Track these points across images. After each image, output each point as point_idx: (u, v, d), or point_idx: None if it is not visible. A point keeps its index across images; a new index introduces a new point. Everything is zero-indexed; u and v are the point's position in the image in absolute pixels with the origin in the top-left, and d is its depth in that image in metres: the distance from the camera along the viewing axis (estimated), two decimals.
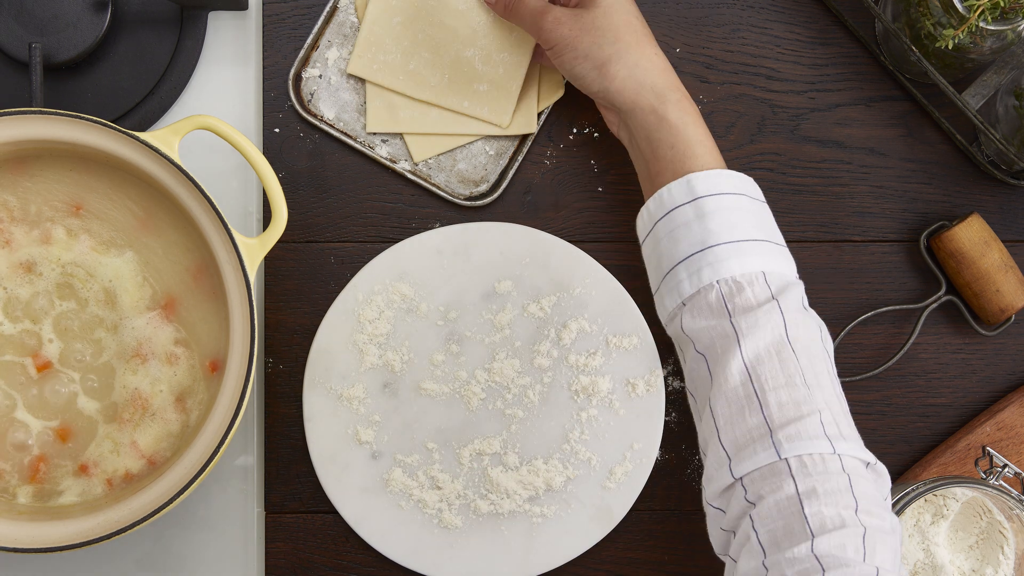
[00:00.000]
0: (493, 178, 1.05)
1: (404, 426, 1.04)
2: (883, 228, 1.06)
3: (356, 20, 1.06)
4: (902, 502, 0.94)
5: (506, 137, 1.06)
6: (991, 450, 0.97)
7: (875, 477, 0.86)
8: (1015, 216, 1.06)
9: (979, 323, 1.06)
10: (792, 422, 0.85)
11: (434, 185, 1.05)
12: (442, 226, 1.05)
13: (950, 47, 0.96)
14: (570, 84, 1.06)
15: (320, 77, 1.05)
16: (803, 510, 0.81)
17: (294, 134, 1.06)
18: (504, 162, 1.05)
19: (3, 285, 0.97)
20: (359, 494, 1.03)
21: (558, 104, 1.06)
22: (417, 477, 1.03)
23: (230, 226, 0.92)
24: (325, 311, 1.04)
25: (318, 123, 1.05)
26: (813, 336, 0.89)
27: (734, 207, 0.90)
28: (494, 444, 1.03)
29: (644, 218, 0.95)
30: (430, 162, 1.06)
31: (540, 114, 1.05)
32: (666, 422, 1.05)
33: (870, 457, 0.86)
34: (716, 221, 0.90)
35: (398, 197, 1.06)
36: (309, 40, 1.05)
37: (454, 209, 1.06)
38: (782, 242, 0.93)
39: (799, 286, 0.91)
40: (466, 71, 1.04)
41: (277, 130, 1.06)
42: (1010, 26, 0.95)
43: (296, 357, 1.05)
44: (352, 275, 1.04)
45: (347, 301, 1.03)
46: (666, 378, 1.05)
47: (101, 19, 1.02)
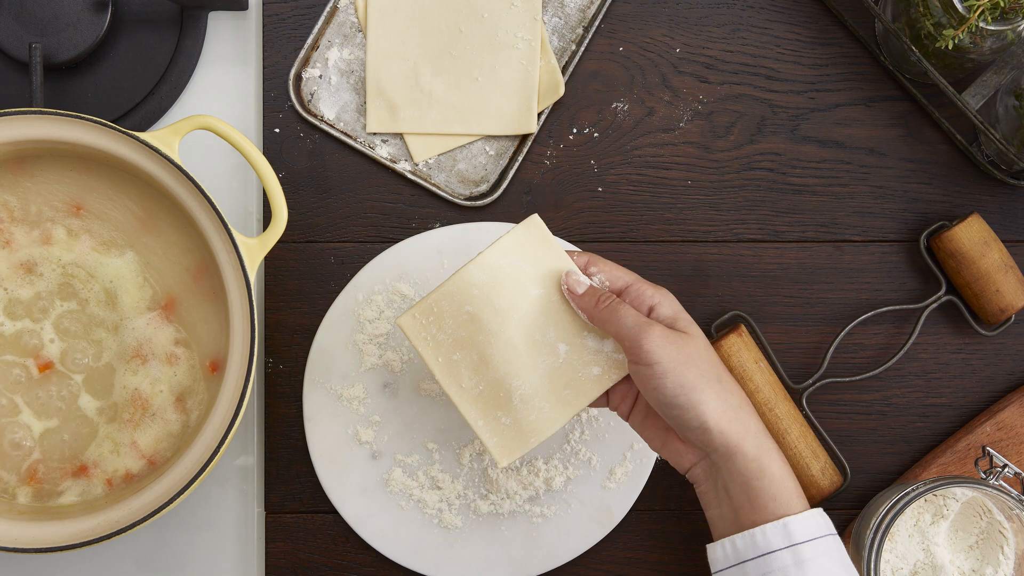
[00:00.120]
0: (493, 178, 1.05)
1: (404, 426, 1.04)
2: (883, 228, 1.06)
3: (356, 20, 1.06)
4: (902, 502, 0.94)
5: (506, 137, 1.06)
6: (991, 450, 0.97)
7: None
8: (1015, 216, 1.06)
9: (979, 323, 1.06)
10: None
11: (434, 185, 1.05)
12: (442, 226, 1.05)
13: (950, 47, 0.96)
14: (570, 84, 1.06)
15: (320, 77, 1.05)
16: None
17: (294, 134, 1.06)
18: (504, 162, 1.05)
19: (4, 286, 0.97)
20: (359, 494, 1.03)
21: (558, 104, 1.06)
22: (417, 477, 1.03)
23: (230, 226, 0.92)
24: (325, 311, 1.04)
25: (318, 123, 1.05)
26: None
27: (828, 551, 0.89)
28: None
29: (726, 551, 0.89)
30: (430, 162, 1.06)
31: (540, 114, 1.05)
32: None
33: None
34: (814, 570, 0.88)
35: (398, 197, 1.06)
36: (309, 40, 1.05)
37: (454, 209, 1.05)
38: None
39: None
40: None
41: (277, 130, 1.06)
42: (1010, 26, 0.95)
43: (296, 357, 1.05)
44: (352, 275, 1.04)
45: (347, 301, 1.03)
46: None
47: (101, 19, 1.02)
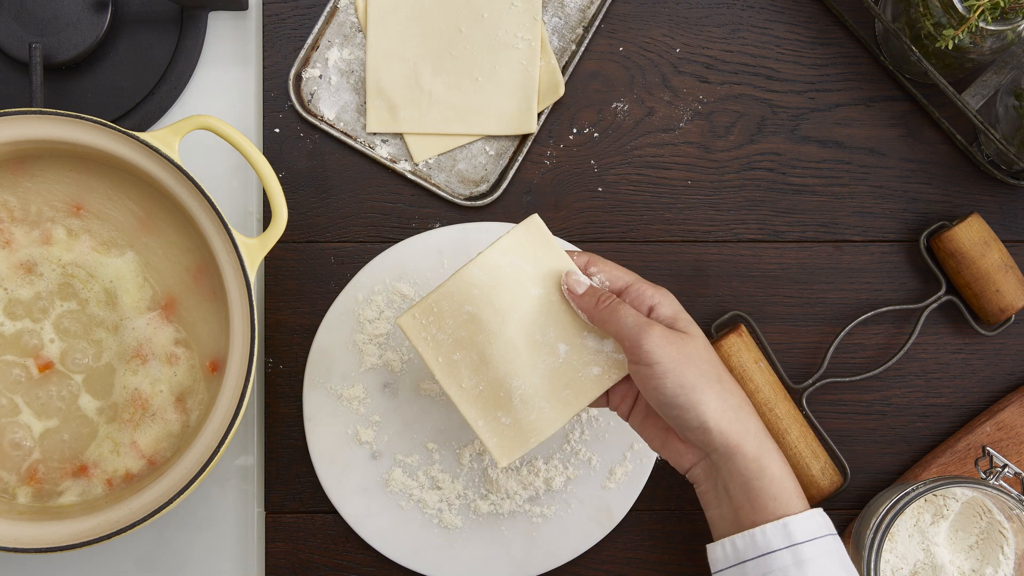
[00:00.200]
0: (493, 178, 1.05)
1: (404, 426, 1.04)
2: (883, 228, 1.06)
3: (356, 20, 1.06)
4: (902, 502, 0.94)
5: (506, 137, 1.06)
6: (991, 450, 0.97)
7: None
8: (1015, 216, 1.06)
9: (979, 323, 1.06)
10: None
11: (434, 185, 1.05)
12: (442, 226, 1.05)
13: (950, 47, 0.96)
14: (570, 84, 1.06)
15: (320, 77, 1.05)
16: None
17: (294, 134, 1.06)
18: (504, 162, 1.05)
19: (4, 286, 0.97)
20: (359, 494, 1.03)
21: (558, 104, 1.06)
22: (417, 477, 1.03)
23: (230, 226, 0.92)
24: (325, 311, 1.04)
25: (318, 123, 1.05)
26: None
27: (828, 551, 0.89)
28: None
29: (726, 551, 0.89)
30: (430, 162, 1.05)
31: (540, 114, 1.05)
32: None
33: None
34: (814, 570, 0.88)
35: (398, 197, 1.06)
36: (309, 40, 1.05)
37: (454, 209, 1.05)
38: None
39: None
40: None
41: (277, 130, 1.06)
42: (1010, 26, 0.95)
43: (296, 357, 1.05)
44: (352, 275, 1.04)
45: (347, 301, 1.03)
46: None
47: (101, 19, 1.02)
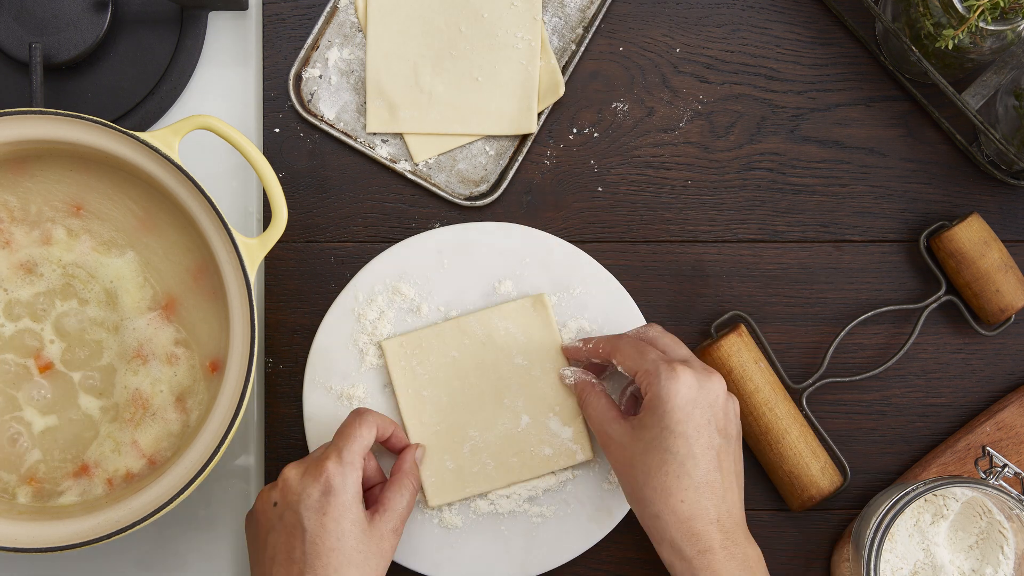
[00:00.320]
0: (493, 178, 1.05)
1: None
2: (883, 228, 1.06)
3: (356, 20, 1.06)
4: (902, 502, 0.94)
5: (506, 137, 1.06)
6: (991, 450, 0.97)
7: None
8: (1015, 216, 1.06)
9: (979, 323, 1.06)
10: None
11: (434, 185, 1.05)
12: (442, 226, 1.05)
13: (950, 47, 0.96)
14: (570, 84, 1.06)
15: (320, 77, 1.05)
16: None
17: (294, 134, 1.06)
18: (504, 162, 1.05)
19: (4, 286, 0.97)
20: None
21: (558, 104, 1.06)
22: None
23: (230, 226, 0.92)
24: (325, 311, 1.04)
25: (318, 123, 1.05)
26: None
27: None
28: None
29: None
30: (430, 162, 1.05)
31: (540, 114, 1.05)
32: None
33: None
34: None
35: (398, 197, 1.06)
36: (309, 40, 1.05)
37: (454, 209, 1.05)
38: None
39: None
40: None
41: (277, 130, 1.06)
42: (1010, 26, 0.95)
43: (296, 357, 1.05)
44: (352, 275, 1.04)
45: (347, 301, 1.03)
46: None
47: (101, 19, 1.02)
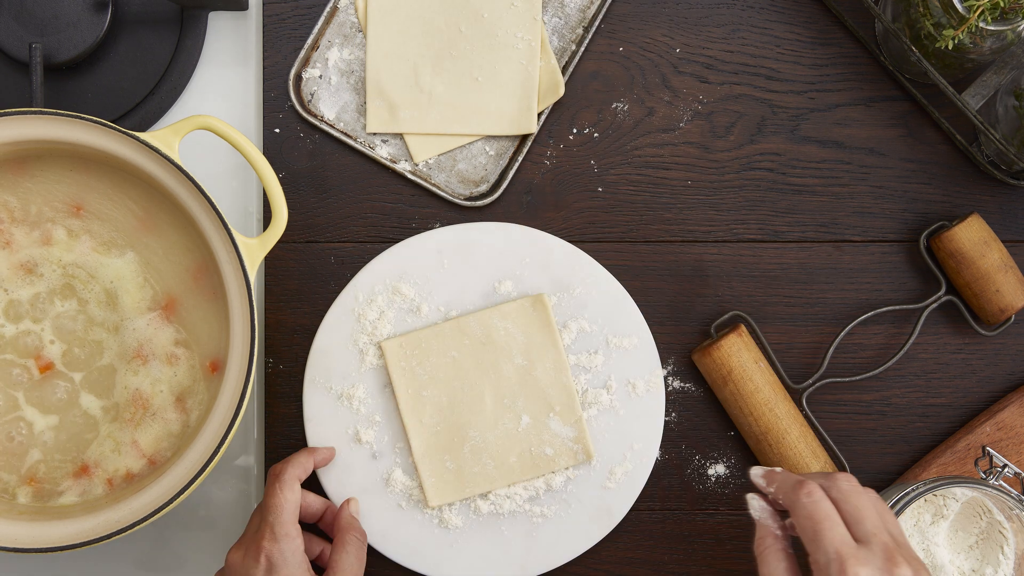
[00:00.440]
0: (493, 178, 1.05)
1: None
2: (883, 228, 1.06)
3: (356, 20, 1.06)
4: (902, 502, 0.94)
5: (506, 137, 1.06)
6: (991, 450, 0.97)
7: None
8: (1015, 216, 1.06)
9: (979, 323, 1.06)
10: None
11: (434, 185, 1.05)
12: (442, 226, 1.05)
13: (950, 47, 0.96)
14: (570, 84, 1.06)
15: (320, 77, 1.05)
16: None
17: (294, 134, 1.06)
18: (504, 162, 1.05)
19: (4, 287, 0.97)
20: (359, 494, 1.03)
21: (558, 104, 1.06)
22: (417, 477, 1.03)
23: (230, 226, 0.92)
24: (325, 311, 1.04)
25: (318, 123, 1.05)
26: None
27: None
28: None
29: None
30: (430, 162, 1.05)
31: (540, 114, 1.05)
32: (666, 422, 1.05)
33: None
34: None
35: (398, 197, 1.06)
36: (309, 40, 1.05)
37: (454, 209, 1.05)
38: None
39: None
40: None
41: (277, 130, 1.06)
42: (1010, 26, 0.95)
43: (296, 357, 1.05)
44: (352, 275, 1.04)
45: (347, 301, 1.03)
46: (666, 378, 1.05)
47: (101, 19, 1.02)
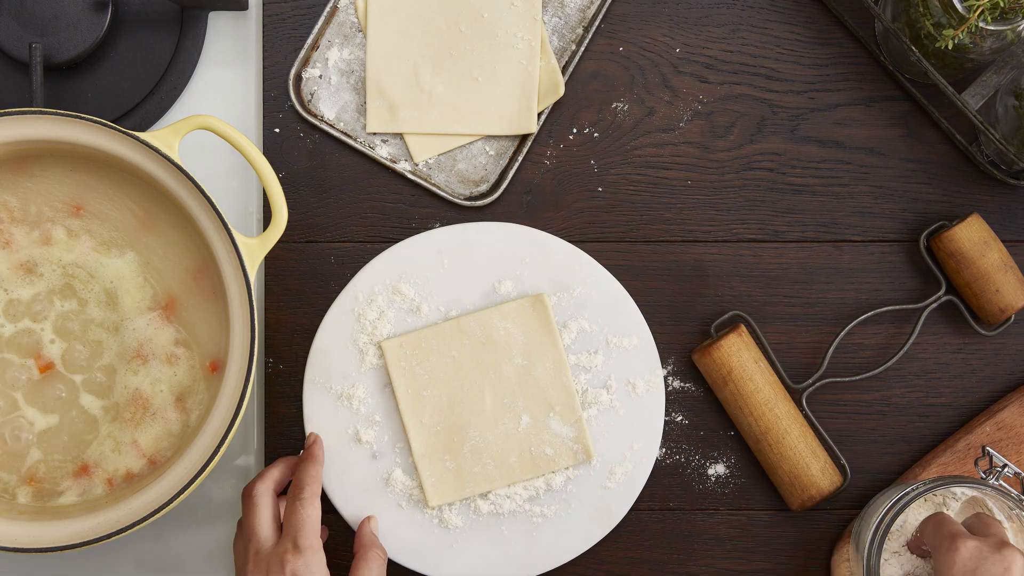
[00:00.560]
0: (493, 178, 1.05)
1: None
2: (883, 228, 1.06)
3: (356, 20, 1.06)
4: (902, 502, 0.94)
5: (506, 137, 1.06)
6: (991, 450, 0.97)
7: None
8: (1015, 216, 1.06)
9: (979, 323, 1.06)
10: None
11: (434, 185, 1.05)
12: (442, 226, 1.05)
13: (950, 47, 0.96)
14: (570, 84, 1.06)
15: (320, 77, 1.05)
16: None
17: (294, 134, 1.06)
18: (504, 162, 1.05)
19: (4, 287, 0.97)
20: (359, 494, 1.03)
21: (558, 104, 1.06)
22: (417, 477, 1.03)
23: (230, 226, 0.92)
24: (325, 311, 1.04)
25: (318, 123, 1.05)
26: None
27: None
28: None
29: None
30: (430, 162, 1.06)
31: (540, 114, 1.05)
32: (666, 422, 1.05)
33: None
34: None
35: (398, 197, 1.06)
36: (309, 40, 1.05)
37: (454, 209, 1.05)
38: None
39: None
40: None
41: (277, 130, 1.06)
42: (1010, 26, 0.95)
43: (296, 357, 1.05)
44: (352, 275, 1.04)
45: (347, 301, 1.03)
46: (666, 378, 1.05)
47: (101, 19, 1.02)
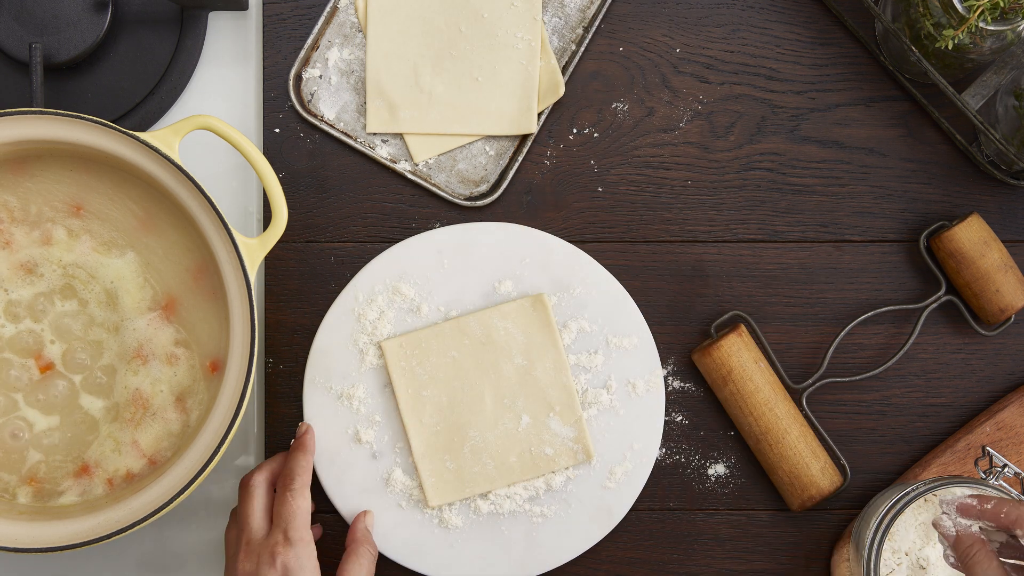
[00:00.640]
0: (493, 178, 1.05)
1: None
2: (883, 228, 1.06)
3: (356, 20, 1.06)
4: (902, 502, 0.94)
5: (506, 137, 1.06)
6: (991, 450, 0.97)
7: None
8: (1015, 216, 1.06)
9: (979, 323, 1.06)
10: None
11: (434, 185, 1.05)
12: (442, 226, 1.05)
13: (950, 47, 0.96)
14: (570, 84, 1.06)
15: (320, 77, 1.05)
16: None
17: (294, 134, 1.06)
18: (504, 162, 1.05)
19: (4, 287, 0.97)
20: (359, 494, 1.03)
21: (558, 104, 1.06)
22: (417, 477, 1.03)
23: (230, 226, 0.92)
24: (325, 311, 1.04)
25: (318, 123, 1.05)
26: None
27: None
28: None
29: None
30: (430, 162, 1.06)
31: (540, 114, 1.05)
32: (666, 422, 1.05)
33: None
34: None
35: (398, 197, 1.06)
36: (309, 40, 1.05)
37: (454, 209, 1.05)
38: None
39: None
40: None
41: (277, 130, 1.06)
42: (1010, 26, 0.95)
43: (296, 357, 1.05)
44: (352, 275, 1.04)
45: (347, 301, 1.03)
46: (666, 378, 1.05)
47: (101, 19, 1.02)
